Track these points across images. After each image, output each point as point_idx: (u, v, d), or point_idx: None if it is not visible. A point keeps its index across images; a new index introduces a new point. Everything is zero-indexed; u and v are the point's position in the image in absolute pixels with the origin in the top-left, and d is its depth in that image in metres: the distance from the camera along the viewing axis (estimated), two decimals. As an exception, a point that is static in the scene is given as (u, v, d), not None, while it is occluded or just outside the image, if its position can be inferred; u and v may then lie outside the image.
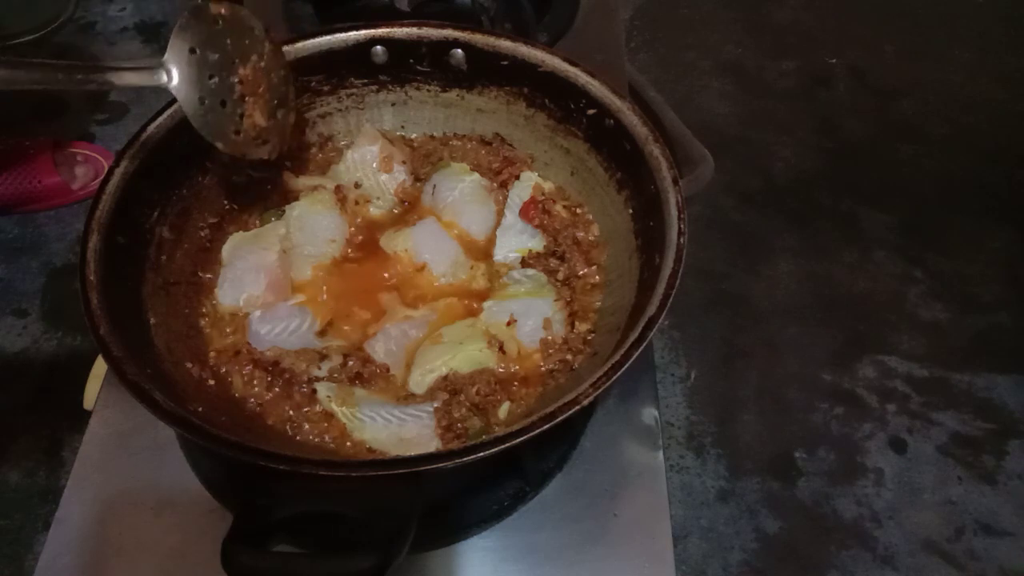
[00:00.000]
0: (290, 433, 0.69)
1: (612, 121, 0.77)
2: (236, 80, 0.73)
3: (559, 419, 0.57)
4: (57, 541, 0.72)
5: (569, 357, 0.74)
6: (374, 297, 0.80)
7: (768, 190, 2.09)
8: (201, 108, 0.70)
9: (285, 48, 0.82)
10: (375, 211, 0.87)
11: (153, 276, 0.74)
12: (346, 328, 0.77)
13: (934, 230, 2.01)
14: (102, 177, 0.71)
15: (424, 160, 0.90)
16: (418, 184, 0.88)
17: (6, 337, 1.73)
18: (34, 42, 2.31)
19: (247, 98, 0.74)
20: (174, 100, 0.76)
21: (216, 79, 0.71)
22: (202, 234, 0.81)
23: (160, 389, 0.60)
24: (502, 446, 0.56)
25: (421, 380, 0.72)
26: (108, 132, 2.12)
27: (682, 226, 0.68)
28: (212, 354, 0.75)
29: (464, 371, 0.72)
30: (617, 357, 0.60)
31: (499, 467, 0.75)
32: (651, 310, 0.63)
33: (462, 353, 0.73)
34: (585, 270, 0.80)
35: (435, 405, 0.69)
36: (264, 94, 0.76)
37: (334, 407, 0.69)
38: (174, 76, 0.68)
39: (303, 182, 0.87)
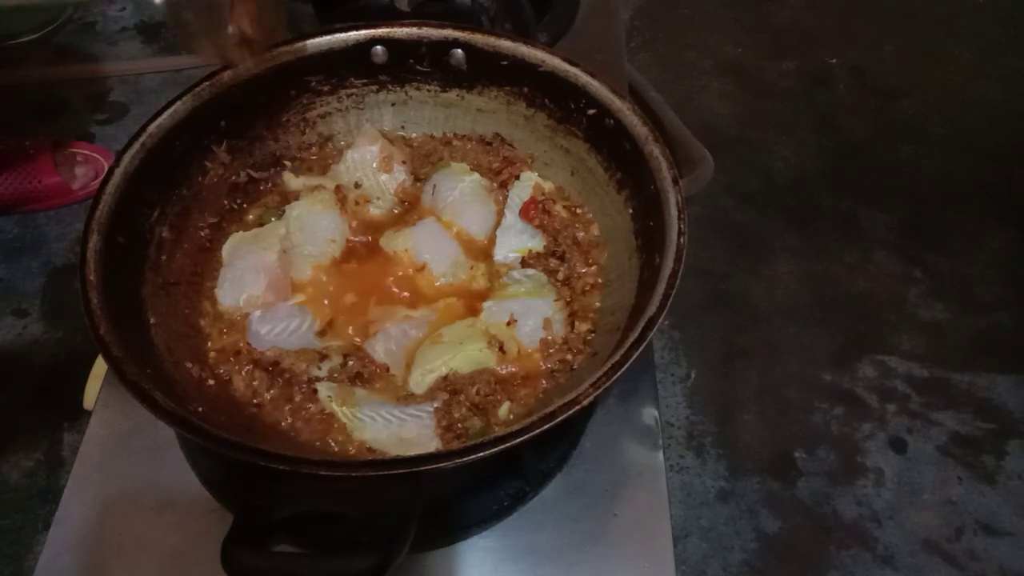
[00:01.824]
0: (290, 433, 0.69)
1: (612, 121, 0.77)
2: None
3: (559, 419, 0.57)
4: (57, 541, 0.72)
5: (569, 357, 0.74)
6: (374, 297, 0.80)
7: (768, 190, 2.09)
8: (183, 18, 0.65)
9: (284, 48, 0.82)
10: (375, 211, 0.87)
11: (153, 276, 0.74)
12: (346, 328, 0.77)
13: (934, 230, 2.01)
14: (102, 177, 0.71)
15: (424, 160, 0.90)
16: (418, 184, 0.88)
17: (6, 337, 1.73)
18: (34, 42, 2.31)
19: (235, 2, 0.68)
20: (174, 100, 0.77)
21: None
22: (202, 234, 0.81)
23: (160, 389, 0.59)
24: (502, 446, 0.56)
25: (421, 380, 0.72)
26: (108, 132, 2.12)
27: (682, 226, 0.68)
28: (212, 354, 0.75)
29: (464, 371, 0.72)
30: (617, 357, 0.60)
31: (499, 467, 0.75)
32: (651, 310, 0.63)
33: (462, 353, 0.73)
34: (585, 270, 0.80)
35: (435, 405, 0.69)
36: None
37: (334, 407, 0.69)
38: None
39: (303, 182, 0.87)
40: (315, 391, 0.70)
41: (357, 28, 0.84)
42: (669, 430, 1.65)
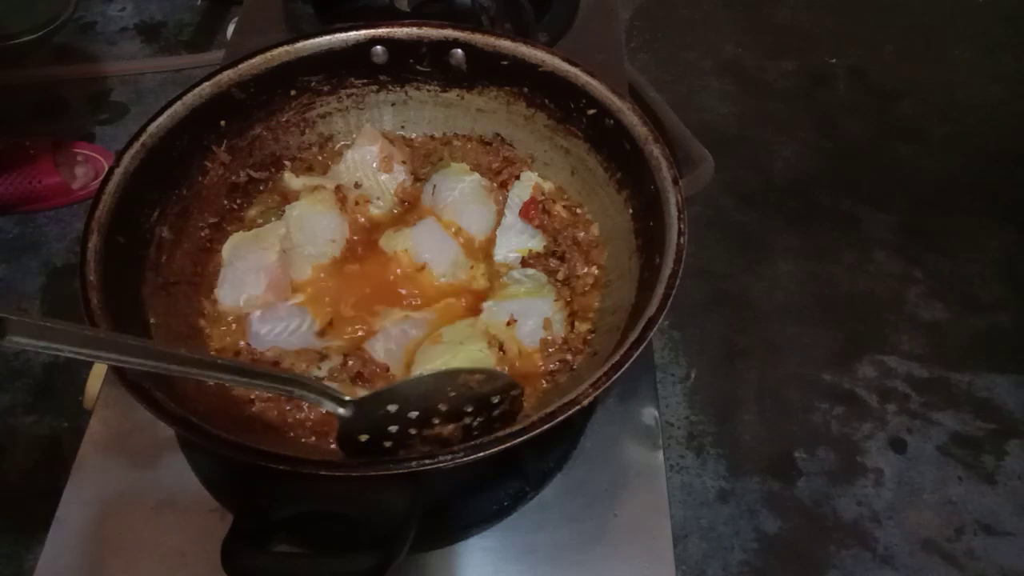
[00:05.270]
0: (290, 433, 0.69)
1: (612, 121, 0.77)
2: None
3: (559, 419, 0.57)
4: (57, 541, 0.72)
5: (569, 357, 0.74)
6: (374, 297, 0.80)
7: (768, 190, 2.09)
8: None
9: (285, 48, 0.82)
10: (375, 211, 0.87)
11: (153, 276, 0.74)
12: (346, 328, 0.77)
13: (934, 230, 2.01)
14: (102, 177, 0.71)
15: (424, 160, 0.90)
16: (418, 184, 0.88)
17: (6, 337, 1.73)
18: (34, 42, 2.31)
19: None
20: (174, 100, 0.77)
21: None
22: (202, 234, 0.81)
23: (160, 389, 0.59)
24: (502, 446, 0.56)
25: (421, 380, 0.72)
26: (108, 132, 2.13)
27: (682, 226, 0.67)
28: (212, 354, 0.75)
29: (464, 371, 0.72)
30: (617, 357, 0.60)
31: (499, 467, 0.75)
32: (651, 310, 0.62)
33: (462, 353, 0.73)
34: (585, 270, 0.79)
35: (435, 405, 0.69)
36: None
37: (334, 407, 0.69)
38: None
39: (303, 182, 0.87)
40: (315, 391, 0.70)
41: (357, 28, 0.84)
42: (669, 430, 1.65)
